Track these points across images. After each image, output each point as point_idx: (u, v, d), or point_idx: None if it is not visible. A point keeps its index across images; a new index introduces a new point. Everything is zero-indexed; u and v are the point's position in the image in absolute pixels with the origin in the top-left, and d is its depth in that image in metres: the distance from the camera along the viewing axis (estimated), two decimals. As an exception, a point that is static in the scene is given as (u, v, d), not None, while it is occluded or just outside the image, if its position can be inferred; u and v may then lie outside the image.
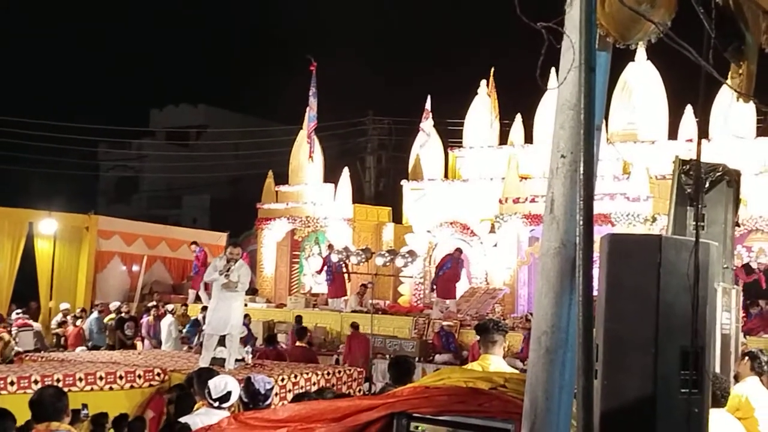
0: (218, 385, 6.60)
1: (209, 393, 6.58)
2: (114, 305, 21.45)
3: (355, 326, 17.55)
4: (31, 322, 19.37)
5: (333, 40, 43.36)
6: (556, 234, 2.96)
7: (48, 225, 22.07)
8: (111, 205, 42.39)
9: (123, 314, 20.86)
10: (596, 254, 4.60)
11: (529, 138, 23.51)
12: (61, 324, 20.35)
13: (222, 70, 54.69)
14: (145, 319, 19.94)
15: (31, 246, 22.08)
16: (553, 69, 3.13)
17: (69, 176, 37.17)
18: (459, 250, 20.71)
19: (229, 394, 6.53)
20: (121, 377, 11.23)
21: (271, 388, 6.43)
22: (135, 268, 24.36)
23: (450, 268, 20.36)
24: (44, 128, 33.24)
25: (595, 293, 4.44)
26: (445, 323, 17.78)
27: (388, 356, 16.47)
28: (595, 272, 4.01)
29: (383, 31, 49.38)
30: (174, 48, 57.82)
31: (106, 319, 20.36)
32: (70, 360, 13.03)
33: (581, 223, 2.80)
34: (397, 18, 47.29)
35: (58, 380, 10.44)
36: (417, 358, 15.96)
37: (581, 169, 2.82)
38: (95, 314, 19.90)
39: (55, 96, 46.06)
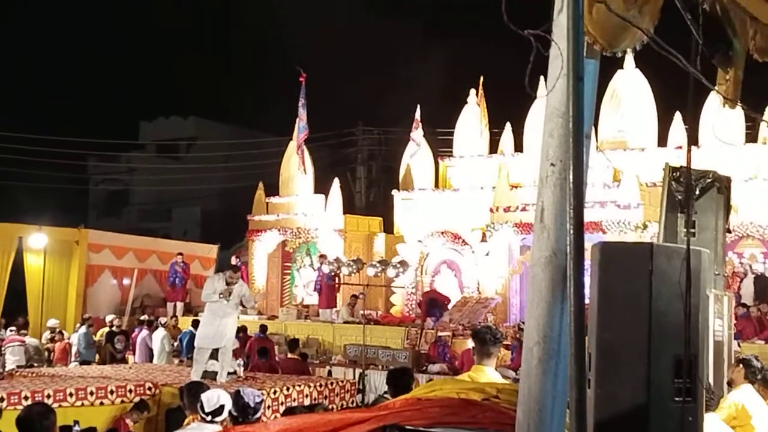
0: (211, 398, 6.52)
1: (202, 407, 6.51)
2: (109, 318, 21.27)
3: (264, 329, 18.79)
4: (23, 338, 19.14)
5: (322, 52, 43.42)
6: (546, 243, 2.93)
7: (38, 239, 21.93)
8: (101, 219, 42.32)
9: (114, 328, 20.73)
10: (587, 263, 4.59)
11: (519, 147, 23.52)
12: (52, 340, 20.19)
13: (212, 82, 54.66)
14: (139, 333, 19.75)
15: (20, 261, 21.94)
16: (542, 77, 3.11)
17: (58, 190, 37.08)
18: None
19: (222, 407, 6.45)
20: (111, 392, 11.14)
21: (261, 401, 6.36)
22: (126, 281, 24.22)
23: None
24: (33, 142, 33.14)
25: (586, 302, 4.43)
26: (442, 333, 17.75)
27: (381, 367, 16.42)
28: (587, 281, 3.99)
29: (372, 40, 49.41)
30: (164, 60, 57.77)
31: (98, 333, 20.21)
32: (61, 375, 12.92)
33: (572, 231, 2.78)
34: (384, 27, 47.31)
35: (48, 396, 10.36)
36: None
37: (571, 176, 2.80)
38: (84, 329, 19.71)
39: (43, 109, 45.91)
